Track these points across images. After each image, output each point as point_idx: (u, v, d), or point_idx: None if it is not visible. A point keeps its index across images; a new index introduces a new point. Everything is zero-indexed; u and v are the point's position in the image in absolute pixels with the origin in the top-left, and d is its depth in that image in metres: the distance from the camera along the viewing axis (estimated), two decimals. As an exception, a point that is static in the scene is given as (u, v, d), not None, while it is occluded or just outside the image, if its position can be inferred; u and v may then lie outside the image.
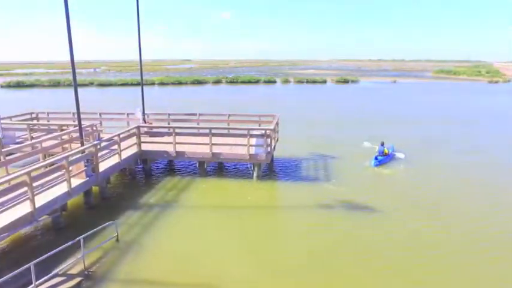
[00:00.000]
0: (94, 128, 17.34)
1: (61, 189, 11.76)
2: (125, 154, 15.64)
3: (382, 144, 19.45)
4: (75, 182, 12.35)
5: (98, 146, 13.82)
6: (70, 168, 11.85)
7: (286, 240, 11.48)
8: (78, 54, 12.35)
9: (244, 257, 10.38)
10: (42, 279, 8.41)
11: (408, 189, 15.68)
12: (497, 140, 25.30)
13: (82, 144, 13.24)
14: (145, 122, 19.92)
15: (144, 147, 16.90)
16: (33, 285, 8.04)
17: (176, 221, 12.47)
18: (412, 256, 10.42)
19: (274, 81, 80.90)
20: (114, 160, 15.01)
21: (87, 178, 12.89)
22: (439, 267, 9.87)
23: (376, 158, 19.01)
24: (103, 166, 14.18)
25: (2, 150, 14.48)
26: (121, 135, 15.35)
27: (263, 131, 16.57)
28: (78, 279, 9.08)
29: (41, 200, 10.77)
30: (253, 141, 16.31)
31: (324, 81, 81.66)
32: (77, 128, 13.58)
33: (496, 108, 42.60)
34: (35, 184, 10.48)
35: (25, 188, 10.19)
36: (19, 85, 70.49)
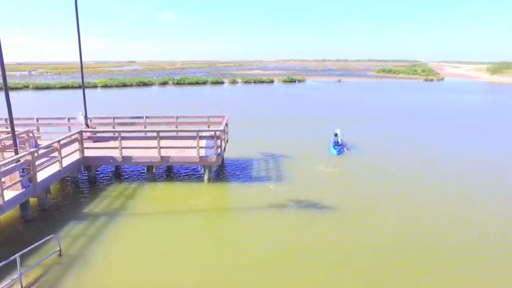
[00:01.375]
0: (30, 135, 16.15)
1: (-7, 203, 10.73)
2: (67, 161, 14.67)
3: (336, 135, 21.86)
4: (9, 194, 11.33)
5: (36, 154, 12.82)
6: (3, 179, 10.87)
7: (238, 243, 11.27)
8: (9, 56, 11.38)
9: (196, 264, 10.05)
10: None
11: (359, 188, 16.07)
12: (443, 137, 26.78)
13: (16, 153, 12.21)
14: (88, 127, 18.88)
15: (88, 153, 15.97)
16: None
17: (124, 230, 11.86)
18: (364, 256, 10.58)
19: (222, 82, 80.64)
20: (54, 168, 14.00)
21: (23, 189, 11.88)
22: (391, 269, 10.15)
23: (335, 148, 20.86)
24: (42, 175, 13.17)
25: None
26: (61, 141, 14.37)
27: (212, 133, 16.30)
28: (16, 301, 8.31)
29: (-30, 216, 9.75)
30: (202, 143, 15.97)
31: (271, 81, 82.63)
32: (10, 135, 12.50)
33: (443, 105, 45.31)
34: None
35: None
36: None
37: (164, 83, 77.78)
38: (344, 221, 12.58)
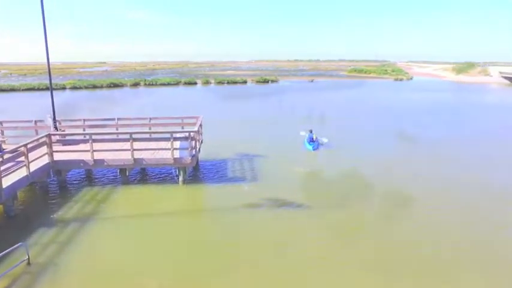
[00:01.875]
0: (-6, 139, 15.44)
1: (-45, 211, 10.18)
2: (35, 166, 14.10)
3: (311, 132, 22.44)
4: (-27, 201, 10.80)
5: (0, 159, 12.26)
6: (-35, 186, 10.33)
7: (213, 245, 11.12)
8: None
9: (172, 267, 9.87)
10: None
11: (335, 186, 16.20)
12: (421, 133, 27.42)
13: (-20, 158, 11.64)
14: (57, 130, 18.24)
15: (57, 157, 15.40)
16: None
17: (97, 236, 11.49)
18: (342, 256, 10.69)
19: (195, 83, 79.97)
20: (21, 173, 13.42)
21: (-12, 196, 11.35)
22: (374, 269, 10.26)
23: (310, 144, 21.51)
24: (7, 181, 12.59)
25: None
26: (28, 145, 13.80)
27: (187, 134, 16.08)
28: (-19, 314, 7.89)
29: None
30: (177, 144, 15.74)
31: (245, 82, 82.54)
32: (-27, 139, 11.92)
33: (416, 103, 46.39)
34: None
35: None
36: None
37: (136, 84, 76.41)
38: (320, 220, 12.65)
